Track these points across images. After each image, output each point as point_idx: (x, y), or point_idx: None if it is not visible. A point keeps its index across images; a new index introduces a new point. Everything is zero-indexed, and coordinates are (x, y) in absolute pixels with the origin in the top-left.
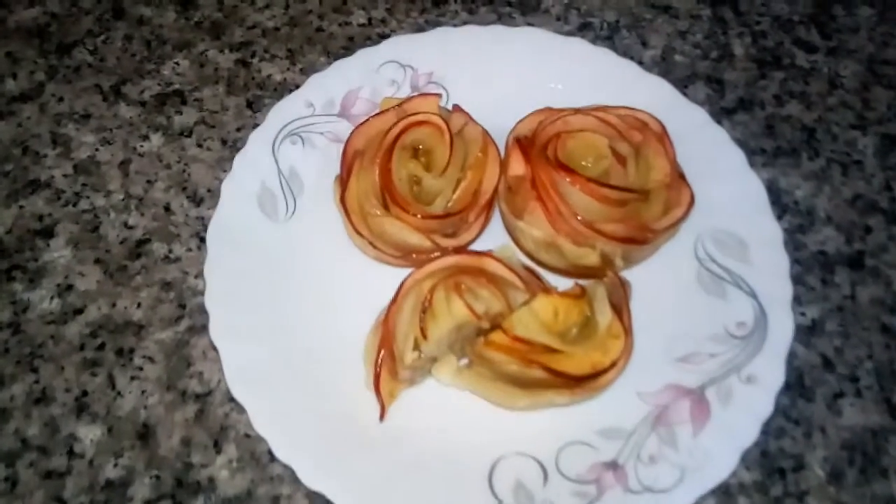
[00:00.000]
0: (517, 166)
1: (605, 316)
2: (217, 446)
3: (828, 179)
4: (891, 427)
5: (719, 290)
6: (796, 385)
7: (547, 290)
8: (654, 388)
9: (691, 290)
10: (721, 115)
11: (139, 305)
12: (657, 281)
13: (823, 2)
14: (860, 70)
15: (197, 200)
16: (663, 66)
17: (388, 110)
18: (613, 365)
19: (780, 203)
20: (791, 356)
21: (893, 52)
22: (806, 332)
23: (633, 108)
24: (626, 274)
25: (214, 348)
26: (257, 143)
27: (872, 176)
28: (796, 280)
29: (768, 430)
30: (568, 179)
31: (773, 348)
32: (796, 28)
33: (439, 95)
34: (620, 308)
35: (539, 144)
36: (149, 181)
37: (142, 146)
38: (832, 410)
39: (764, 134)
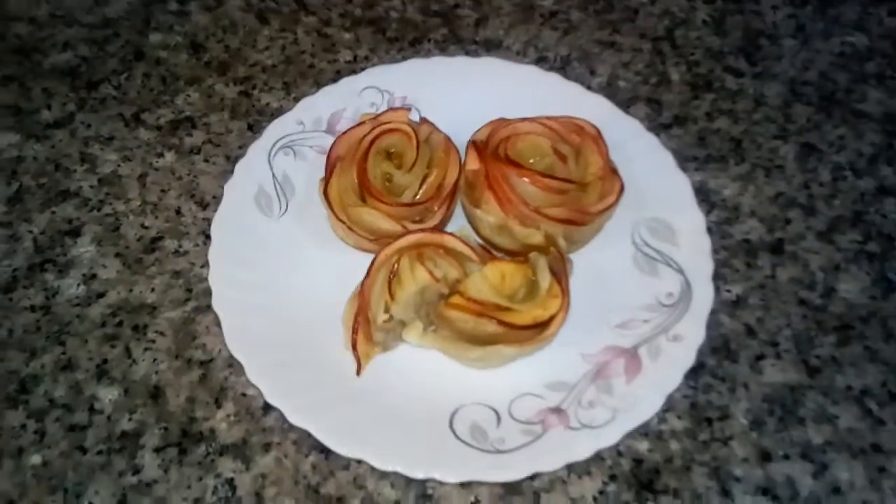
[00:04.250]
0: (473, 163)
1: (545, 280)
2: (217, 403)
3: (752, 181)
4: (807, 384)
5: (652, 269)
6: (722, 349)
7: (496, 258)
8: (595, 350)
9: (628, 270)
10: (659, 129)
11: (153, 290)
12: (600, 262)
13: (751, 35)
14: (783, 90)
15: (203, 205)
16: (609, 91)
17: (365, 122)
18: (552, 318)
19: (709, 200)
20: (718, 325)
21: (813, 75)
22: (731, 305)
23: (572, 117)
24: (573, 257)
25: (217, 324)
26: (256, 153)
27: (793, 177)
28: (723, 263)
29: (697, 385)
30: (515, 173)
31: (695, 312)
32: (726, 57)
33: (409, 109)
34: (560, 275)
35: (492, 146)
36: (163, 190)
37: (157, 162)
38: (754, 370)
39: (696, 144)
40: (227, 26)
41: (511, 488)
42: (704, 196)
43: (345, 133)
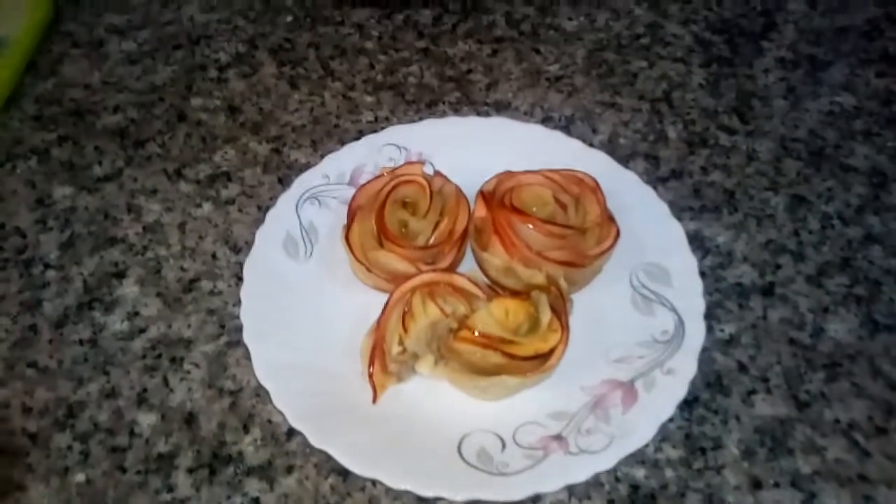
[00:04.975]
0: (481, 211)
1: (545, 315)
2: (245, 428)
3: (745, 229)
4: (797, 417)
5: (648, 308)
6: (715, 384)
7: (501, 295)
8: (594, 383)
9: (626, 310)
10: (657, 182)
11: (189, 326)
12: (599, 303)
13: (744, 96)
14: (774, 146)
15: (236, 250)
16: (609, 147)
17: (383, 175)
18: (553, 350)
19: (703, 247)
20: (712, 361)
21: (802, 132)
22: (724, 344)
23: (573, 170)
24: (575, 297)
25: (246, 357)
26: (285, 203)
27: (783, 226)
28: (717, 305)
29: (691, 417)
30: (519, 220)
31: (688, 348)
32: (720, 116)
33: (424, 163)
34: (560, 311)
35: (498, 196)
36: (200, 237)
37: (196, 212)
38: (746, 403)
39: (692, 196)
40: (261, 91)
41: None
42: (700, 243)
43: (365, 185)
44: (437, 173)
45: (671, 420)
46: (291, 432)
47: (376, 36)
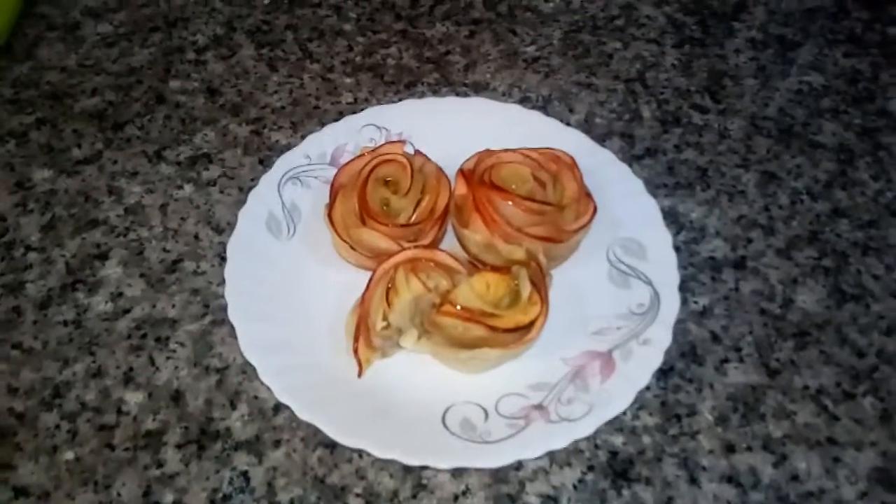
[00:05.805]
0: (462, 188)
1: (525, 289)
2: (232, 405)
3: (717, 205)
4: (768, 384)
5: (625, 282)
6: (689, 353)
7: (481, 270)
8: (573, 354)
9: (603, 284)
10: (632, 160)
11: (174, 306)
12: (578, 277)
13: (716, 76)
14: (745, 125)
15: (219, 231)
16: (586, 126)
17: (364, 154)
18: (533, 323)
19: (677, 222)
20: (686, 332)
21: (772, 111)
22: (698, 315)
23: (550, 148)
24: (554, 272)
25: (231, 335)
26: (267, 183)
27: (754, 202)
28: (691, 278)
29: (667, 386)
30: (499, 196)
31: (663, 320)
32: (693, 96)
33: (404, 142)
34: (539, 285)
35: (478, 173)
36: (182, 218)
37: (177, 193)
38: (719, 372)
39: (666, 173)
40: (240, 73)
41: (498, 477)
42: (674, 219)
43: (347, 164)
44: (418, 153)
45: (647, 388)
46: (278, 408)
47: (354, 18)
